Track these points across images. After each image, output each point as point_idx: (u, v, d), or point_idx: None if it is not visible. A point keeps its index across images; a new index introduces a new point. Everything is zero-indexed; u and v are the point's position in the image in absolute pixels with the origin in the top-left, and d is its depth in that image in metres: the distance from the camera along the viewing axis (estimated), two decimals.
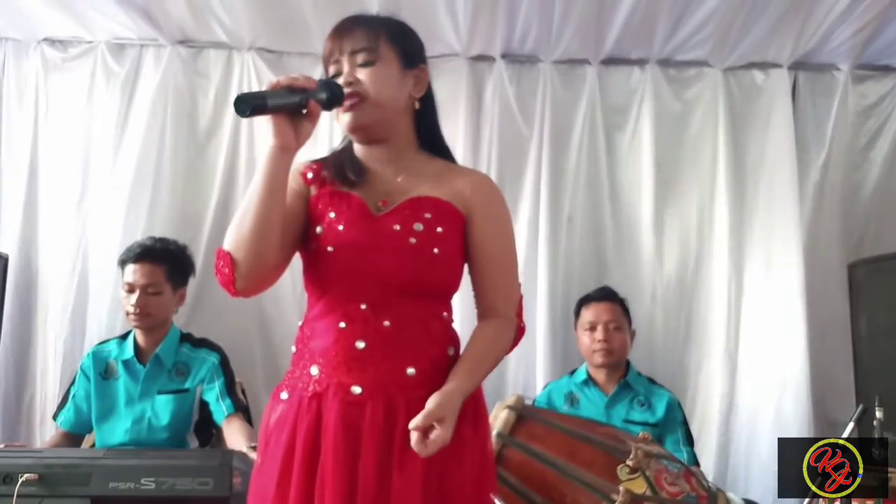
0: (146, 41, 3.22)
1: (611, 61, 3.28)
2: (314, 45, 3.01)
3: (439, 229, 1.36)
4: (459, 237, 1.39)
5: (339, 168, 1.40)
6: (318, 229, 1.36)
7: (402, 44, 1.41)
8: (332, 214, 1.36)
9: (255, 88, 3.18)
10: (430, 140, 1.48)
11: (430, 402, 1.22)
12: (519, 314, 1.43)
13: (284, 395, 1.35)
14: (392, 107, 1.39)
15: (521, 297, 1.45)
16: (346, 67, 1.37)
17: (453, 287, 1.40)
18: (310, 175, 1.41)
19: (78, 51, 3.24)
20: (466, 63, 3.24)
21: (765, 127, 3.24)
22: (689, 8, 2.97)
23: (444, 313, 1.39)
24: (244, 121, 3.16)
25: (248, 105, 1.19)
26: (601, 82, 3.28)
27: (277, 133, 1.24)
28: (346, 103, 1.35)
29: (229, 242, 1.28)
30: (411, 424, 1.20)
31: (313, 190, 1.41)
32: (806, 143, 3.27)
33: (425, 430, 1.20)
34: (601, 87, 3.27)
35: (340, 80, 1.36)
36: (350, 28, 1.39)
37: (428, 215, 1.36)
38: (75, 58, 3.24)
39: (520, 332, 1.43)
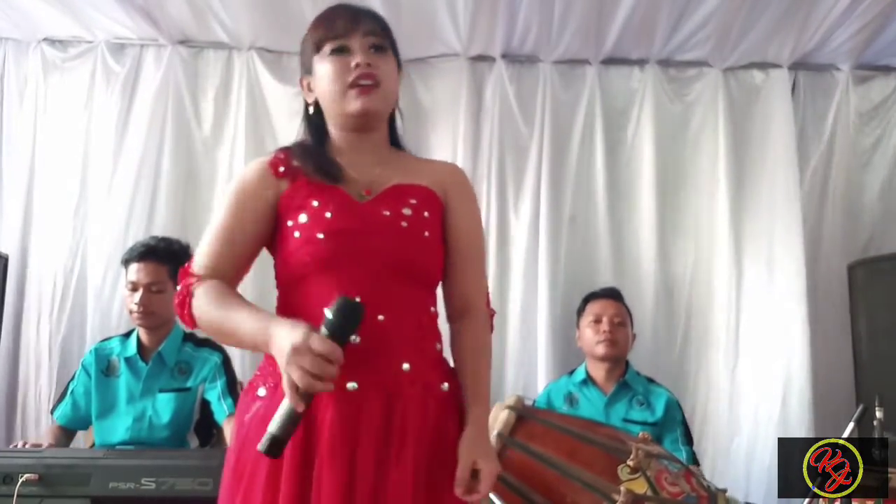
0: (146, 41, 3.22)
1: (611, 61, 3.28)
2: None
3: (426, 214, 1.37)
4: (441, 223, 1.41)
5: (317, 166, 1.37)
6: (303, 217, 1.32)
7: (393, 42, 1.44)
8: (316, 203, 1.33)
9: (255, 90, 3.22)
10: (394, 136, 1.50)
11: (461, 454, 1.26)
12: (487, 303, 1.45)
13: (262, 392, 1.31)
14: (394, 99, 1.43)
15: (487, 288, 1.48)
16: (358, 47, 1.36)
17: (440, 273, 1.41)
18: (281, 169, 1.38)
19: (78, 51, 3.24)
20: (466, 63, 3.24)
21: (765, 127, 3.24)
22: (689, 8, 2.97)
23: (432, 308, 1.39)
24: (244, 121, 3.18)
25: (281, 447, 1.15)
26: (601, 82, 3.28)
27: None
28: (363, 83, 1.34)
29: (200, 316, 1.27)
30: (457, 489, 1.24)
31: (285, 185, 1.37)
32: (806, 143, 3.28)
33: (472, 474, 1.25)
34: (601, 87, 3.27)
35: (356, 60, 1.34)
36: (363, 12, 1.41)
37: (413, 201, 1.37)
38: (75, 58, 3.24)
39: (490, 318, 1.46)
